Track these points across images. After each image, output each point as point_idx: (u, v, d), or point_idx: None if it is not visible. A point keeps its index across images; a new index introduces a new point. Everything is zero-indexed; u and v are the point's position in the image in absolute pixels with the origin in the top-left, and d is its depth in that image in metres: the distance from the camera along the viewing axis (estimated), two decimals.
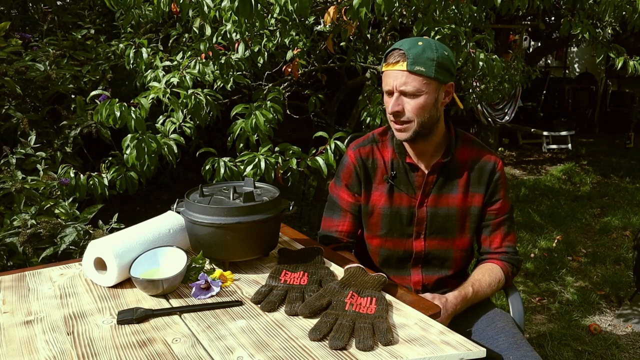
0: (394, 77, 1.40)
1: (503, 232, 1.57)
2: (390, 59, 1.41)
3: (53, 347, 1.02)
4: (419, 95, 1.39)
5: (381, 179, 1.55)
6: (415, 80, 1.38)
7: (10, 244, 1.86)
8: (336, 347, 0.99)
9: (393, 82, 1.40)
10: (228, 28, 2.32)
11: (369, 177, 1.56)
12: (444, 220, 1.54)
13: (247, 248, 1.33)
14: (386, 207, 1.55)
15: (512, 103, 7.02)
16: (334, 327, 1.05)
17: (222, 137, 2.85)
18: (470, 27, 2.52)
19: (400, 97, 1.40)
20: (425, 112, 1.41)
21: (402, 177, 1.54)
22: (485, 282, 1.53)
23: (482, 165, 1.53)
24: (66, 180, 2.11)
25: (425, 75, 1.37)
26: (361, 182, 1.57)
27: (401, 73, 1.38)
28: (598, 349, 2.64)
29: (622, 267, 3.63)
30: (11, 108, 2.39)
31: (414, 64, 1.36)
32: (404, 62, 1.37)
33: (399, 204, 1.54)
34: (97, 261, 1.27)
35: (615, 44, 2.80)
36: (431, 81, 1.39)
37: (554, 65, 9.69)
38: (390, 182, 1.54)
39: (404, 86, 1.38)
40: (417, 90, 1.38)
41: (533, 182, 5.85)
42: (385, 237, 1.58)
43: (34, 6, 3.23)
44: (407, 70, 1.37)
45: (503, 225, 1.57)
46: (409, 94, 1.39)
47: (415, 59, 1.36)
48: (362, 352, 0.98)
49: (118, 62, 2.80)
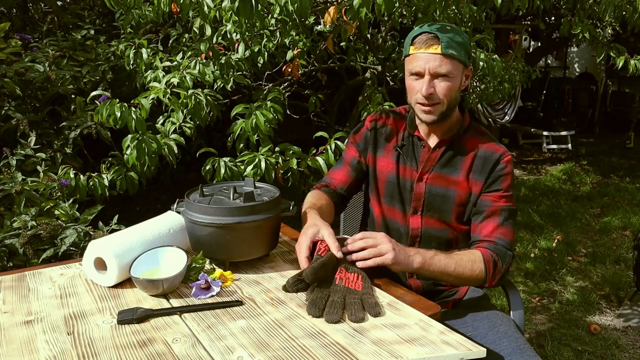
0: (427, 60, 1.42)
1: (497, 223, 1.48)
2: (420, 42, 1.43)
3: (53, 347, 1.02)
4: (450, 78, 1.43)
5: (390, 147, 1.61)
6: (449, 64, 1.41)
7: (11, 245, 1.86)
8: (332, 321, 1.10)
9: (425, 65, 1.42)
10: (228, 28, 2.33)
11: (379, 143, 1.63)
12: (441, 200, 1.53)
13: (247, 248, 1.33)
14: (392, 174, 1.59)
15: (512, 103, 7.02)
16: (327, 303, 1.15)
17: (222, 137, 2.85)
18: (471, 27, 2.52)
19: (432, 80, 1.43)
20: (453, 94, 1.46)
21: (410, 149, 1.58)
22: (455, 258, 1.40)
23: (488, 154, 1.52)
24: (66, 181, 2.11)
25: (457, 58, 1.42)
26: (369, 145, 1.63)
27: (434, 56, 1.41)
28: (598, 349, 2.63)
29: (622, 267, 3.63)
30: (11, 109, 2.39)
31: (448, 47, 1.40)
32: (438, 46, 1.40)
33: (403, 175, 1.58)
34: (97, 261, 1.27)
35: (615, 43, 2.80)
36: (460, 65, 1.44)
37: (554, 65, 9.68)
38: (398, 150, 1.58)
39: (438, 68, 1.41)
40: (450, 72, 1.42)
41: (533, 182, 5.85)
42: (388, 205, 1.61)
43: (34, 6, 3.23)
44: (441, 54, 1.40)
45: (498, 216, 1.49)
46: (441, 76, 1.43)
47: (449, 42, 1.40)
48: (361, 352, 0.99)
49: (118, 62, 2.80)
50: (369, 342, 1.02)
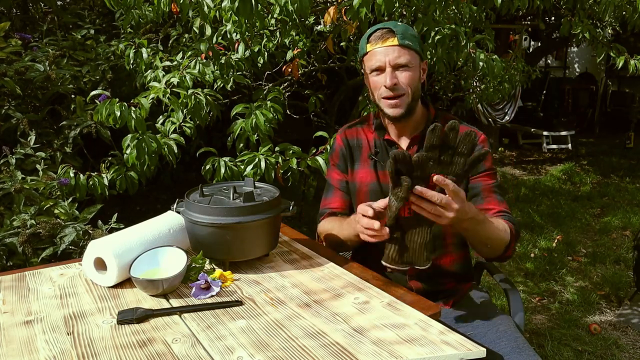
0: (386, 53, 1.45)
1: (497, 199, 1.51)
2: (375, 39, 1.46)
3: (53, 347, 1.02)
4: (410, 67, 1.46)
5: (366, 157, 1.61)
6: (407, 54, 1.45)
7: (10, 244, 1.86)
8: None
9: (385, 58, 1.45)
10: (228, 28, 2.32)
11: (355, 156, 1.63)
12: None
13: (247, 248, 1.33)
14: (373, 183, 1.59)
15: (512, 103, 7.02)
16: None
17: (222, 137, 2.85)
18: (471, 27, 2.52)
19: (393, 72, 1.46)
20: (416, 83, 1.48)
21: (384, 154, 1.58)
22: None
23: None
24: (66, 180, 2.11)
25: (413, 48, 1.46)
26: (347, 161, 1.64)
27: (392, 48, 1.45)
28: (598, 349, 2.63)
29: (622, 267, 3.63)
30: (11, 108, 2.39)
31: (403, 38, 1.44)
32: (394, 38, 1.44)
33: (384, 181, 1.58)
34: (97, 261, 1.27)
35: (615, 43, 2.80)
36: (416, 55, 1.48)
37: (554, 65, 9.68)
38: (373, 159, 1.59)
39: (397, 59, 1.44)
40: (409, 62, 1.46)
41: (533, 182, 5.85)
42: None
43: (34, 6, 3.23)
44: (398, 45, 1.44)
45: (494, 193, 1.52)
46: (401, 67, 1.45)
47: (404, 34, 1.45)
48: (361, 352, 0.98)
49: (118, 62, 2.80)
50: (369, 342, 1.02)
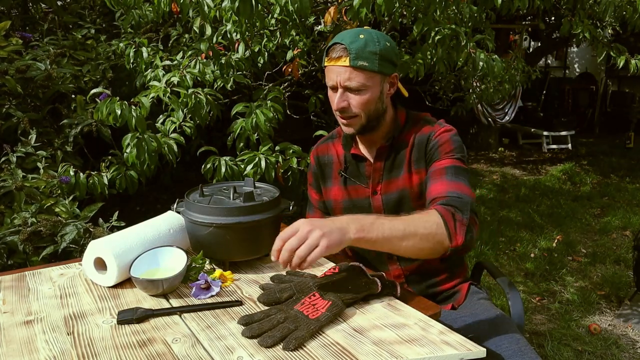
0: (337, 73, 1.36)
1: (445, 180, 1.37)
2: (332, 54, 1.37)
3: (53, 347, 1.02)
4: (363, 90, 1.37)
5: (336, 174, 1.59)
6: (359, 76, 1.35)
7: (11, 242, 1.86)
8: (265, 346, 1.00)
9: (336, 78, 1.37)
10: (228, 28, 2.33)
11: (326, 174, 1.61)
12: (398, 204, 1.50)
13: (247, 248, 1.33)
14: (345, 200, 1.57)
15: (512, 103, 7.02)
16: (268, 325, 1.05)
17: (222, 136, 2.86)
18: (471, 27, 2.52)
19: (345, 93, 1.39)
20: (371, 106, 1.40)
21: (354, 169, 1.55)
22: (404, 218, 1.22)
23: (421, 139, 1.47)
24: (67, 178, 2.11)
25: (369, 69, 1.35)
26: (319, 180, 1.62)
27: (344, 69, 1.35)
28: (598, 349, 2.64)
29: (622, 267, 3.63)
30: (12, 107, 2.39)
31: (356, 59, 1.33)
32: (347, 58, 1.33)
33: (355, 196, 1.56)
34: (97, 261, 1.27)
35: (616, 43, 2.80)
36: (375, 75, 1.37)
37: (554, 65, 9.69)
38: (343, 175, 1.56)
39: (347, 82, 1.36)
40: (362, 85, 1.36)
41: (533, 182, 5.85)
42: None
43: (34, 6, 3.23)
44: (350, 66, 1.34)
45: (444, 174, 1.38)
46: (353, 90, 1.37)
47: (358, 53, 1.33)
48: (361, 352, 0.99)
49: (118, 61, 2.81)
50: (369, 342, 1.02)
